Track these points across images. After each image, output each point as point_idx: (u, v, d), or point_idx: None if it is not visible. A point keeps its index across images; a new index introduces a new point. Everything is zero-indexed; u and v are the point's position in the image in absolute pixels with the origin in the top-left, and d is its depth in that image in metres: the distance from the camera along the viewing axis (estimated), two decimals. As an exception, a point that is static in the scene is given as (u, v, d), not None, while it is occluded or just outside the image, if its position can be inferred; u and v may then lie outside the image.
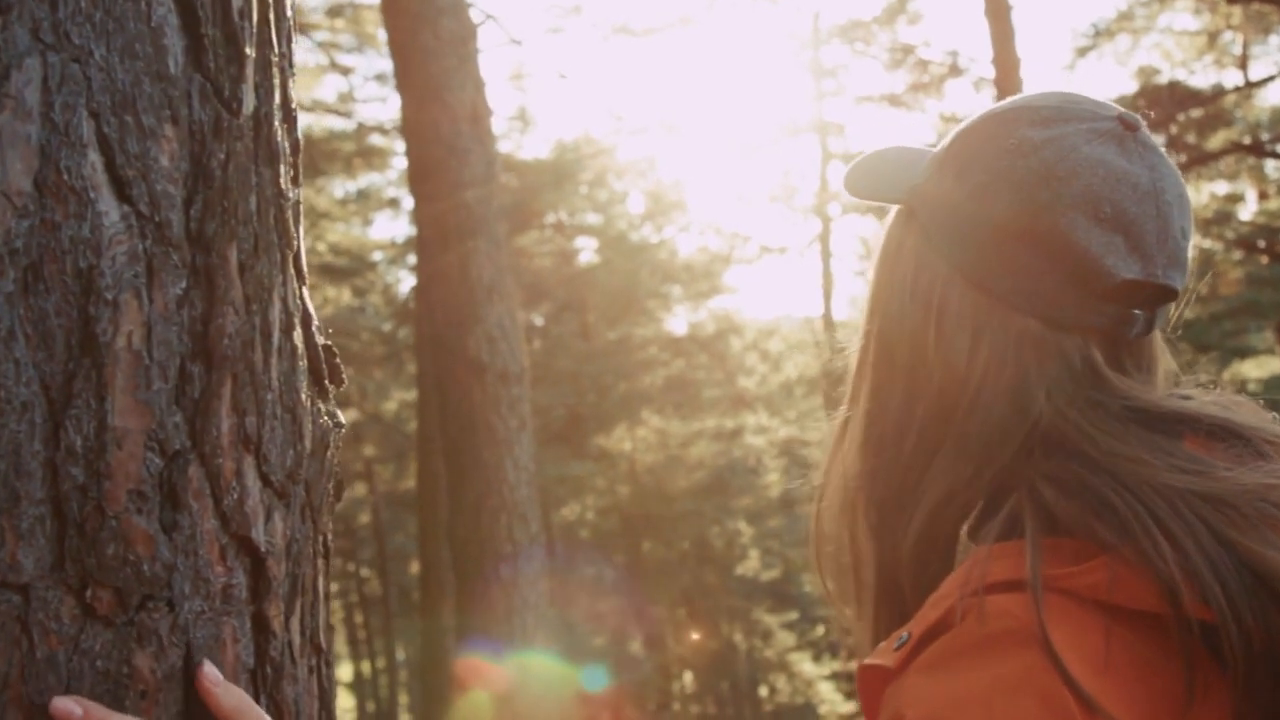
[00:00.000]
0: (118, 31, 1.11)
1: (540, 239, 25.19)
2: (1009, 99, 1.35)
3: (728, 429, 22.56)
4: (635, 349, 22.78)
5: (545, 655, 7.14)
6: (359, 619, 35.96)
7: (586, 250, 25.53)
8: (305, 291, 1.39)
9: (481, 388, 7.65)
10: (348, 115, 23.20)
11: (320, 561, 1.38)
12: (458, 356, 7.70)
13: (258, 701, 1.24)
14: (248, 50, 1.22)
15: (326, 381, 1.40)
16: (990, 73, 14.98)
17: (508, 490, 7.69)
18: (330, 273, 24.54)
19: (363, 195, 25.17)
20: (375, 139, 23.14)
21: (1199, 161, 14.43)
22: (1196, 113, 14.33)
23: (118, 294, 1.10)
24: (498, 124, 26.45)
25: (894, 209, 1.37)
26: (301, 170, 1.38)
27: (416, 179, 7.94)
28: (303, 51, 23.66)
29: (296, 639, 1.31)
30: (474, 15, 8.37)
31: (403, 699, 34.07)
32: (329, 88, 24.50)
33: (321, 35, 22.40)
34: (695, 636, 22.59)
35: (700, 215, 32.73)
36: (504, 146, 26.29)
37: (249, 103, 1.22)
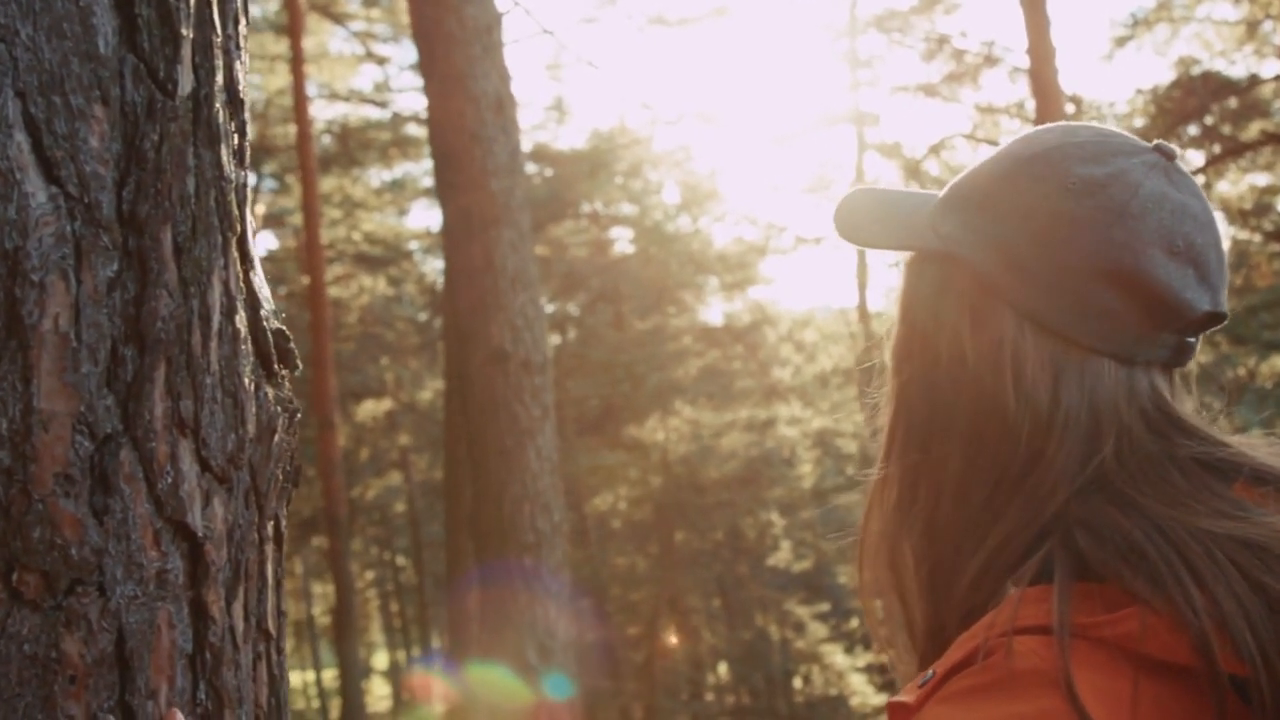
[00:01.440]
0: (45, 10, 1.10)
1: (575, 229, 25.21)
2: (1029, 137, 1.33)
3: (761, 420, 22.51)
4: (669, 339, 22.75)
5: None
6: (394, 607, 36.14)
7: (621, 240, 25.53)
8: (256, 275, 1.38)
9: (504, 376, 7.65)
10: (383, 105, 23.29)
11: (269, 548, 1.37)
12: (481, 345, 7.70)
13: (196, 688, 1.24)
14: (184, 31, 1.21)
15: (277, 366, 1.38)
16: (1025, 63, 14.85)
17: (530, 479, 7.69)
18: (365, 262, 24.64)
19: (398, 185, 25.25)
20: (411, 129, 23.22)
21: (1234, 152, 14.27)
22: (1232, 103, 14.17)
23: (44, 276, 1.09)
24: (533, 114, 26.49)
25: (905, 256, 1.35)
26: (248, 153, 1.36)
27: (441, 168, 7.94)
28: (339, 41, 23.77)
29: (240, 625, 1.30)
30: (500, 4, 8.36)
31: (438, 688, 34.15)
32: (365, 78, 24.57)
33: (358, 25, 22.49)
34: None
35: (735, 206, 32.69)
36: (540, 137, 26.34)
37: (186, 84, 1.21)
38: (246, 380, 1.30)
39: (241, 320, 1.30)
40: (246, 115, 1.35)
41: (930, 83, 18.77)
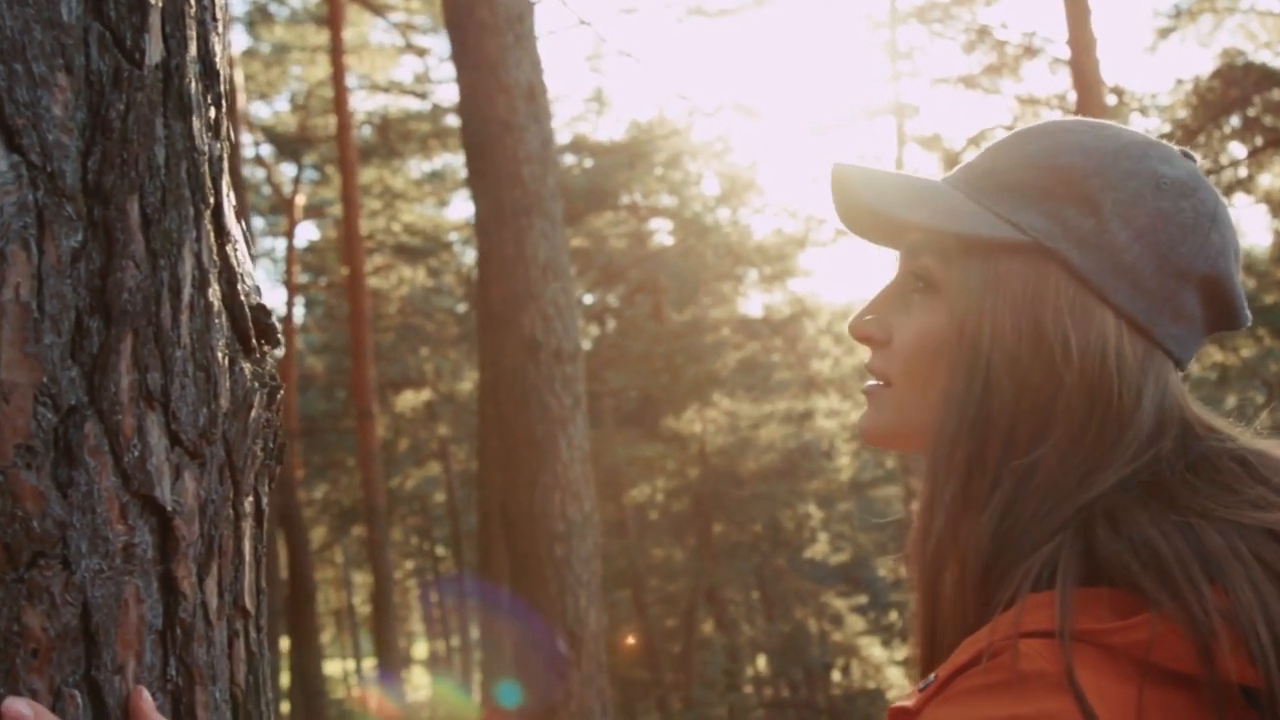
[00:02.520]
0: (6, -23, 1.09)
1: (614, 220, 25.20)
2: (1091, 126, 1.30)
3: (799, 412, 22.43)
4: (707, 331, 22.71)
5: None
6: (434, 598, 36.29)
7: (660, 232, 25.49)
8: (238, 249, 1.37)
9: (536, 365, 7.64)
10: (423, 96, 23.33)
11: (246, 524, 1.35)
12: (512, 334, 7.69)
13: (166, 664, 1.22)
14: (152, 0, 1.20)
15: (255, 341, 1.37)
16: (1066, 53, 14.71)
17: (561, 468, 7.69)
18: (405, 253, 24.72)
19: (437, 176, 25.32)
20: (450, 120, 23.24)
21: (1277, 144, 14.09)
22: (1275, 95, 13.98)
23: (5, 245, 1.08)
24: (573, 105, 26.50)
25: (947, 245, 1.28)
26: (225, 124, 1.35)
27: (473, 157, 7.94)
28: (379, 33, 23.83)
29: (213, 601, 1.29)
30: (534, -7, 8.34)
31: (477, 676, 34.29)
32: (406, 69, 24.63)
33: (397, 17, 22.54)
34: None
35: (775, 197, 32.54)
36: (580, 128, 26.33)
37: (154, 53, 1.20)
38: (220, 354, 1.28)
39: (215, 294, 1.29)
40: (223, 87, 1.34)
41: (971, 74, 18.61)
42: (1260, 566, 1.05)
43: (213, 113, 1.31)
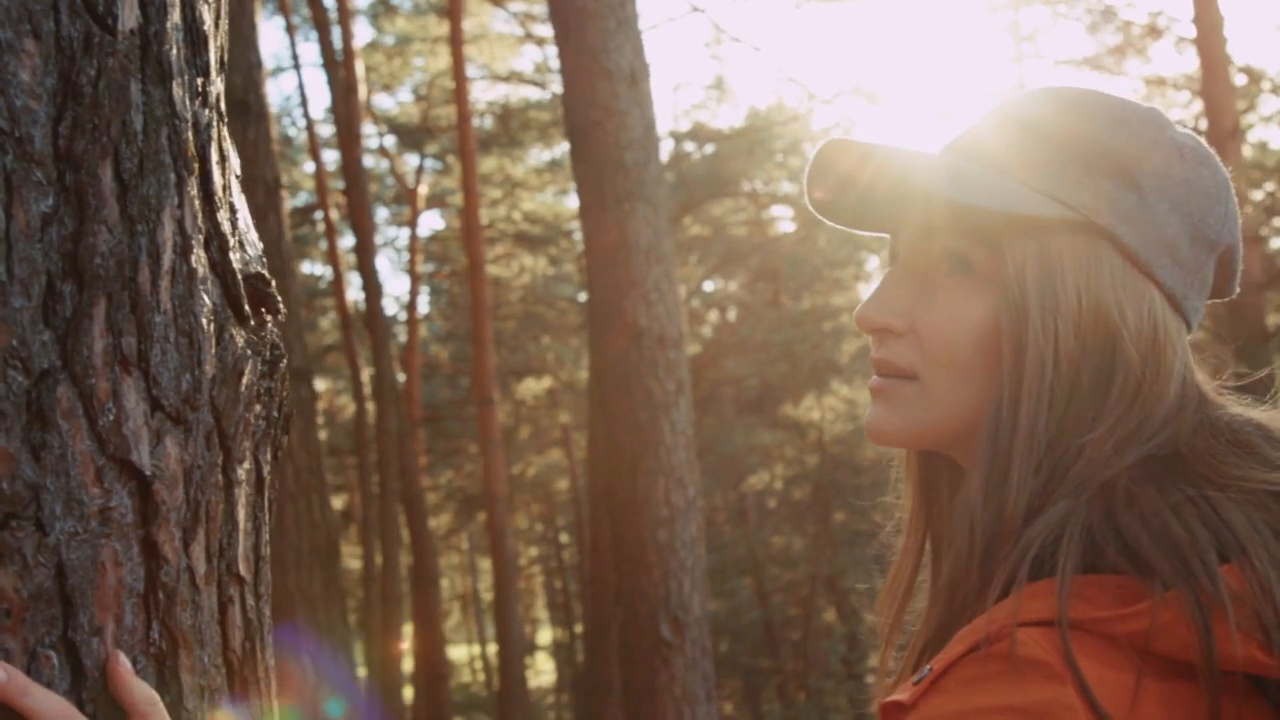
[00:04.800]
0: (-29, -57, 1.10)
1: (734, 208, 25.16)
2: (1099, 95, 1.26)
3: (918, 400, 22.15)
4: (826, 318, 22.54)
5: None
6: (558, 584, 36.55)
7: (781, 219, 25.37)
8: (229, 216, 1.37)
9: (639, 351, 7.64)
10: (543, 86, 23.45)
11: (239, 491, 1.36)
12: (615, 320, 7.70)
13: (149, 627, 1.23)
14: (125, -35, 1.20)
15: (249, 309, 1.37)
16: (1191, 32, 14.33)
17: (664, 453, 7.68)
18: (526, 241, 24.91)
19: (556, 164, 25.45)
20: (570, 109, 23.29)
21: None
22: None
23: (-30, 210, 1.09)
24: (693, 93, 26.42)
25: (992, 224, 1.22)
26: (216, 92, 1.35)
27: (576, 142, 7.95)
28: (499, 23, 24.02)
29: (200, 566, 1.29)
30: (638, -22, 8.33)
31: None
32: (526, 59, 24.81)
33: (517, 7, 22.68)
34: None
35: (898, 183, 32.09)
36: (700, 115, 26.30)
37: (128, 19, 1.20)
38: (205, 320, 1.29)
39: (200, 260, 1.29)
40: (212, 55, 1.34)
41: (1095, 55, 18.23)
42: (1277, 540, 1.01)
43: (200, 80, 1.31)
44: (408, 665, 22.22)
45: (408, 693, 22.35)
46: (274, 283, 1.43)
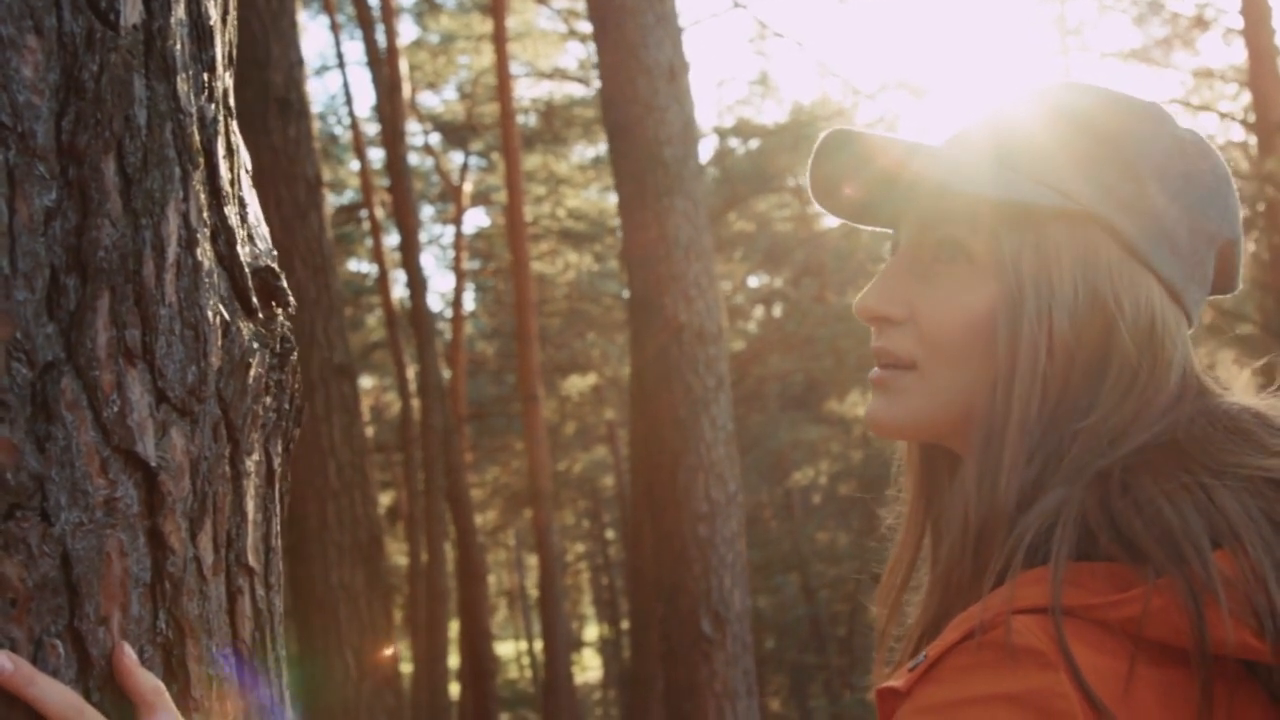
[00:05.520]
0: (-28, -59, 1.12)
1: (779, 203, 25.10)
2: (1098, 89, 1.26)
3: (963, 395, 22.05)
4: (872, 314, 22.41)
5: None
6: (605, 580, 36.61)
7: (825, 214, 25.24)
8: (238, 211, 1.39)
9: (679, 346, 7.65)
10: (586, 83, 23.49)
11: (248, 482, 1.37)
12: (655, 315, 7.71)
13: (156, 617, 1.24)
14: (127, -39, 1.21)
15: (256, 302, 1.38)
16: (1239, 24, 14.16)
17: (704, 449, 7.68)
18: (570, 238, 24.94)
19: (600, 161, 25.46)
20: (614, 105, 23.31)
21: None
22: None
23: (-26, 204, 1.11)
24: (737, 89, 26.37)
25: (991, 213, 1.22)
26: (222, 87, 1.36)
27: (614, 138, 7.97)
28: (543, 20, 24.06)
29: (208, 557, 1.30)
30: (678, -27, 8.33)
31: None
32: (570, 56, 24.85)
33: (561, 3, 22.72)
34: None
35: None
36: (744, 111, 26.25)
37: (131, 15, 1.21)
38: (210, 313, 1.30)
39: (206, 253, 1.30)
40: (218, 51, 1.35)
41: (1141, 47, 18.06)
42: (1272, 527, 1.01)
43: (206, 75, 1.33)
44: (453, 661, 22.29)
45: (454, 689, 22.44)
46: (284, 276, 1.44)
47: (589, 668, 38.39)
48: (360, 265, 26.52)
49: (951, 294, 1.24)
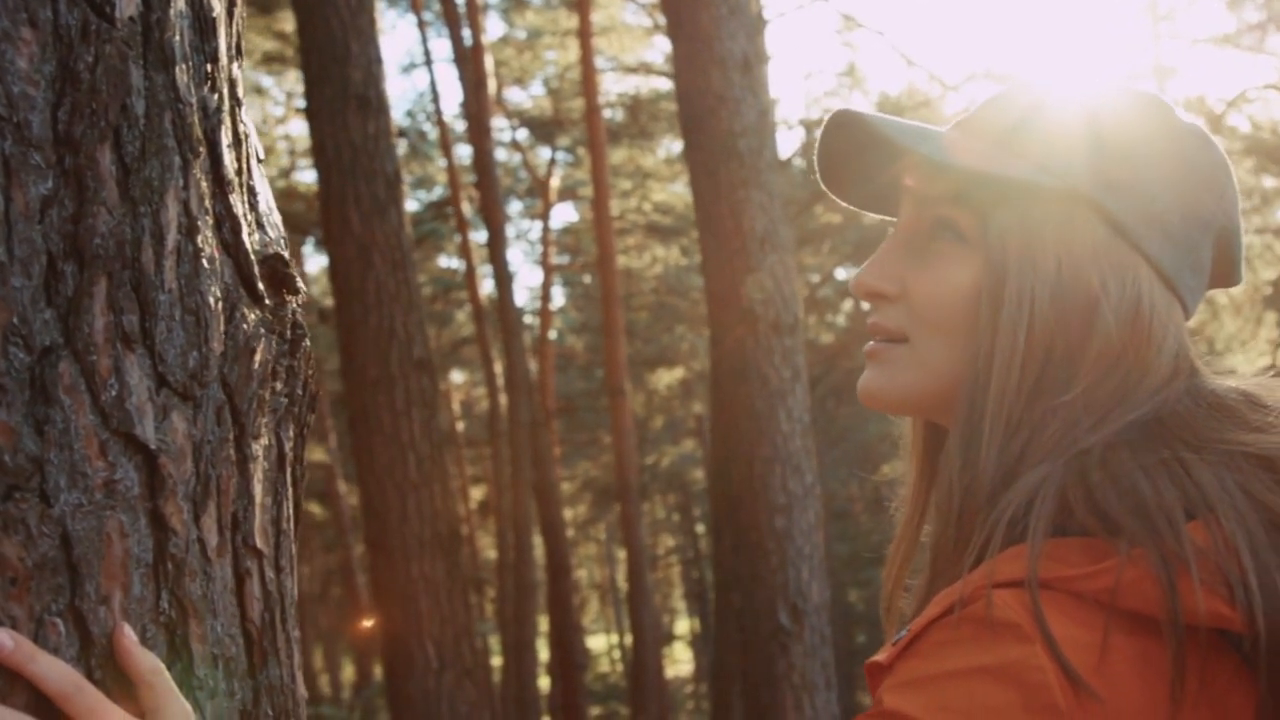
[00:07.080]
0: (-34, -65, 1.14)
1: (867, 195, 24.86)
2: (1097, 80, 1.29)
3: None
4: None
5: None
6: (695, 574, 36.61)
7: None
8: (247, 198, 1.41)
9: (754, 338, 7.63)
10: (671, 77, 23.48)
11: (255, 466, 1.39)
12: (730, 306, 7.70)
13: (158, 597, 1.27)
14: (122, -46, 1.24)
15: (264, 289, 1.41)
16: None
17: (781, 440, 7.66)
18: (657, 232, 24.97)
19: (686, 155, 25.43)
20: (700, 99, 23.27)
21: None
22: None
23: (-31, 193, 1.14)
24: (825, 81, 26.26)
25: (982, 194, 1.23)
26: (226, 76, 1.39)
27: (689, 130, 7.96)
28: (629, 15, 24.10)
29: (212, 539, 1.33)
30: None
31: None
32: (655, 50, 24.87)
33: (646, -2, 22.73)
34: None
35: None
36: (831, 103, 26.11)
37: (127, 7, 1.24)
38: (212, 300, 1.32)
39: (208, 241, 1.32)
40: (221, 41, 1.38)
41: (1234, 33, 17.72)
42: (1247, 499, 1.02)
43: (209, 66, 1.35)
44: (543, 655, 22.40)
45: (544, 682, 22.57)
46: (293, 263, 1.46)
47: (680, 661, 38.44)
48: (449, 261, 26.76)
49: (942, 271, 1.26)
